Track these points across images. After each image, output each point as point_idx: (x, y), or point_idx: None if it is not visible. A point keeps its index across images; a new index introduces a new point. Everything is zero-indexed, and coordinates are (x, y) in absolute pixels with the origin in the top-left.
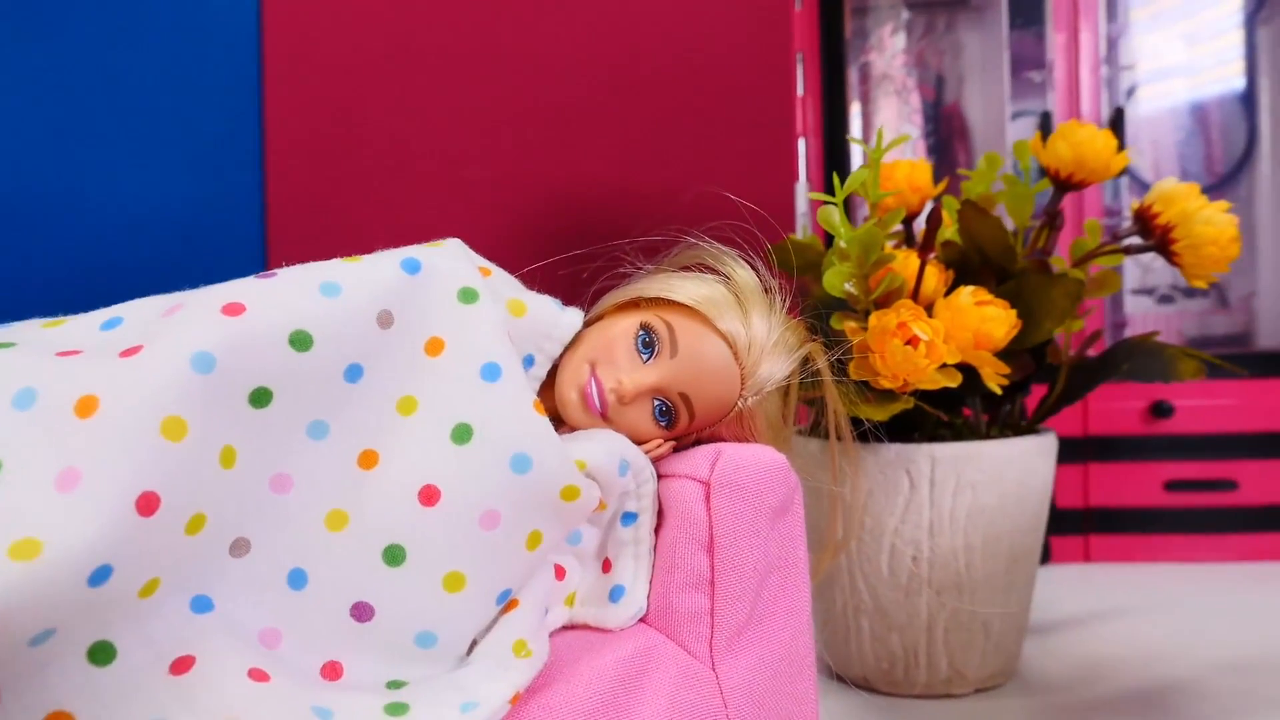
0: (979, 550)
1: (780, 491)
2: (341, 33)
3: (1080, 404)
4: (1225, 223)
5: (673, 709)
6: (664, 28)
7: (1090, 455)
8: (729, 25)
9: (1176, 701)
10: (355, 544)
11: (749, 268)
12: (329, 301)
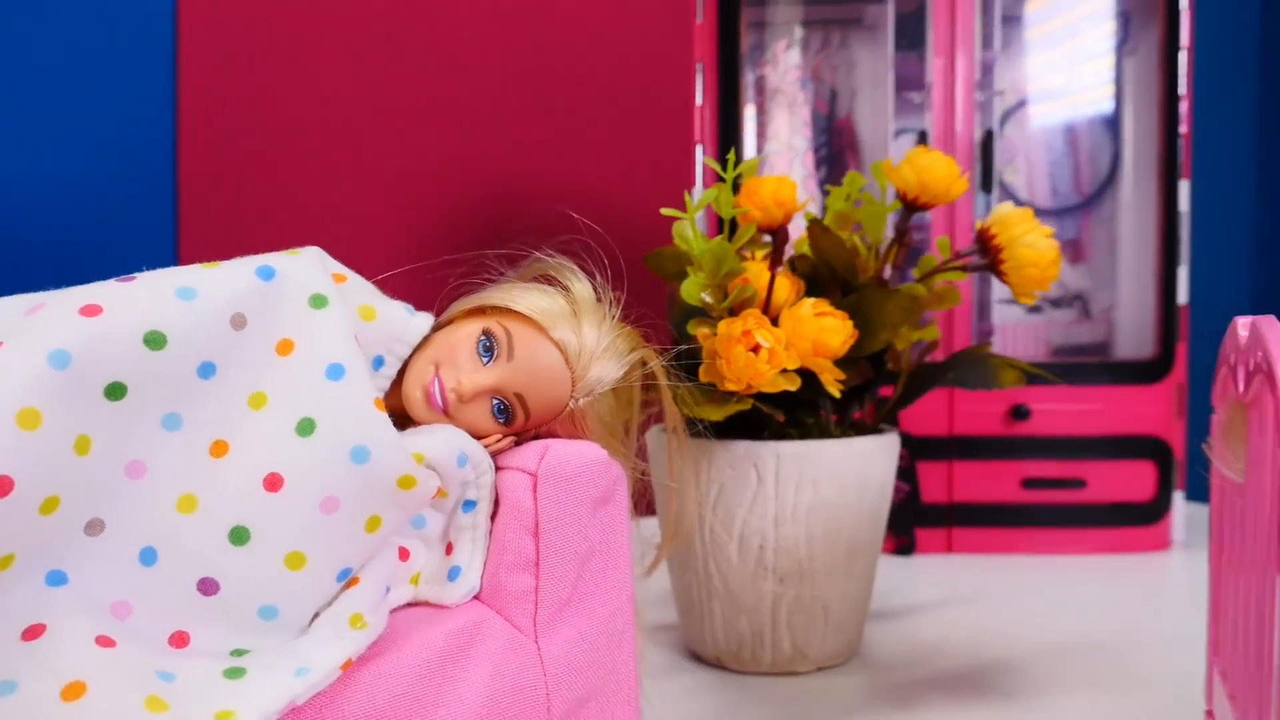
0: (820, 540)
1: (602, 483)
2: (256, 19)
3: (946, 407)
4: (1046, 247)
5: (494, 677)
6: (573, 35)
7: (955, 454)
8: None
9: (999, 679)
10: (203, 525)
11: (586, 281)
12: (184, 304)
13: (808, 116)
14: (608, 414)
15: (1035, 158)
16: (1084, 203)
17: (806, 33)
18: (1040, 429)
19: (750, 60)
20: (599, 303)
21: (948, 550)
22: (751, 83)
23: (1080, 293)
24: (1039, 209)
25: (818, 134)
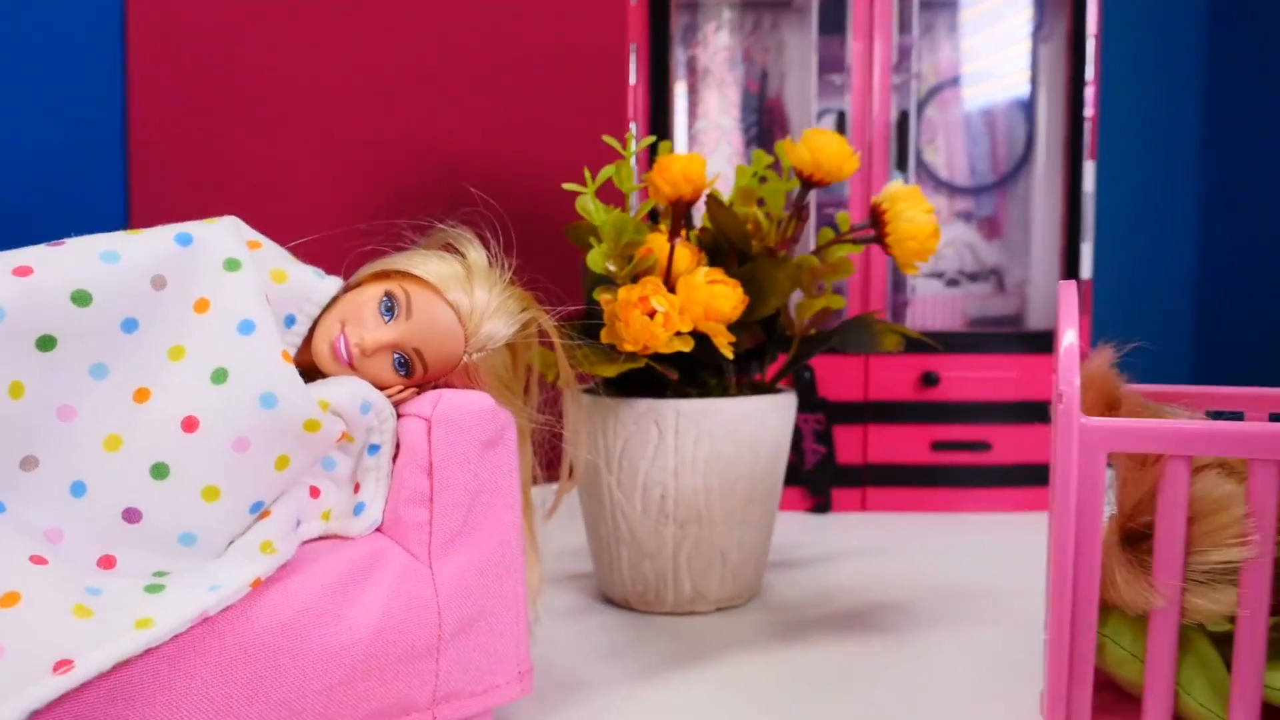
0: (716, 490)
1: (489, 428)
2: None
3: (862, 374)
4: (925, 221)
5: (391, 596)
6: (514, 17)
7: (869, 418)
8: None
9: (883, 617)
10: (128, 462)
11: (481, 249)
12: (108, 266)
13: (736, 96)
14: (502, 368)
15: (954, 138)
16: (1000, 181)
17: (738, 15)
18: (949, 395)
19: (683, 41)
20: (491, 268)
21: (862, 509)
22: (683, 63)
23: (995, 267)
24: (958, 187)
25: (748, 113)
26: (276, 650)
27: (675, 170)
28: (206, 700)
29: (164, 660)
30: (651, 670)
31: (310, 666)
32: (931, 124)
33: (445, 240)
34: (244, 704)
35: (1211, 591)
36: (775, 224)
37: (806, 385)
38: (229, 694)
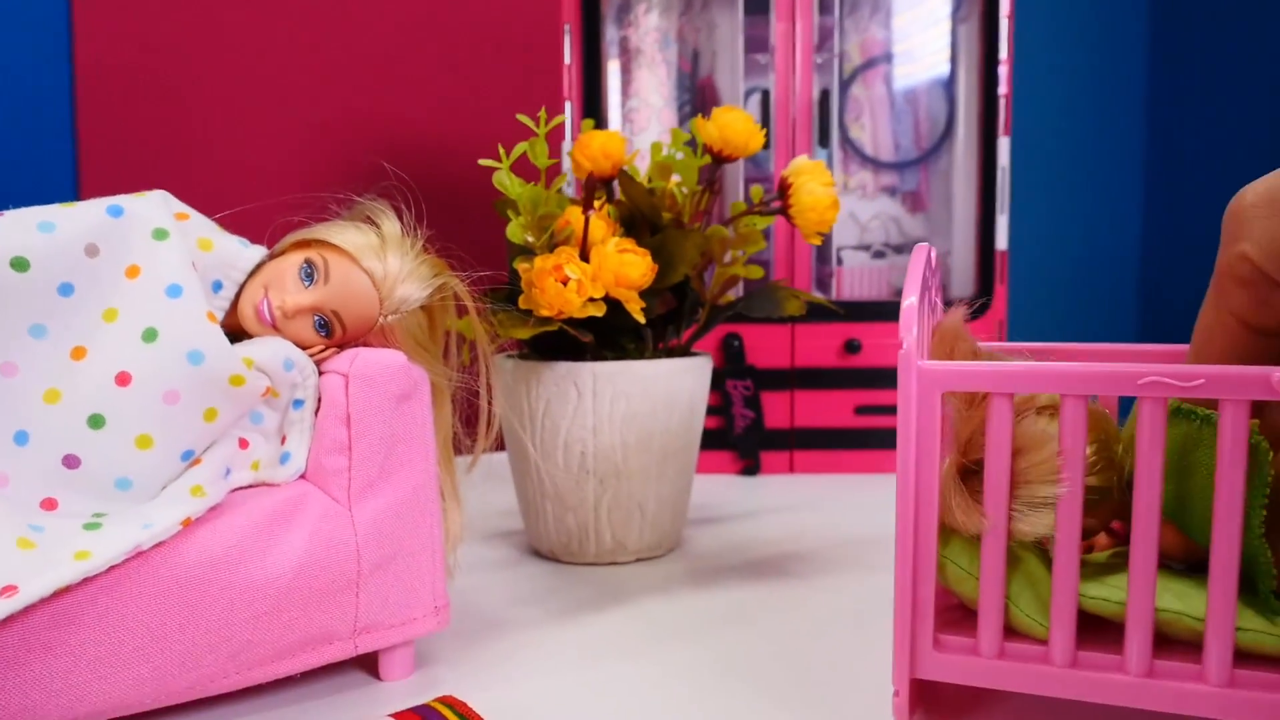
0: (633, 447)
1: (402, 383)
2: None
3: (788, 342)
4: (823, 194)
5: (313, 535)
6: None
7: (796, 384)
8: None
9: (793, 565)
10: (66, 413)
11: (396, 221)
12: (44, 236)
13: (667, 75)
14: (417, 330)
15: (879, 116)
16: (923, 157)
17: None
18: (872, 361)
19: (616, 21)
20: (405, 238)
21: (790, 471)
22: (616, 43)
23: (919, 239)
24: (883, 163)
25: (681, 91)
26: (206, 582)
27: (595, 147)
28: (141, 625)
29: (101, 589)
30: (569, 611)
31: (238, 597)
32: (857, 102)
33: (364, 213)
34: (176, 630)
35: (1033, 517)
36: (689, 197)
37: (735, 353)
38: (162, 620)
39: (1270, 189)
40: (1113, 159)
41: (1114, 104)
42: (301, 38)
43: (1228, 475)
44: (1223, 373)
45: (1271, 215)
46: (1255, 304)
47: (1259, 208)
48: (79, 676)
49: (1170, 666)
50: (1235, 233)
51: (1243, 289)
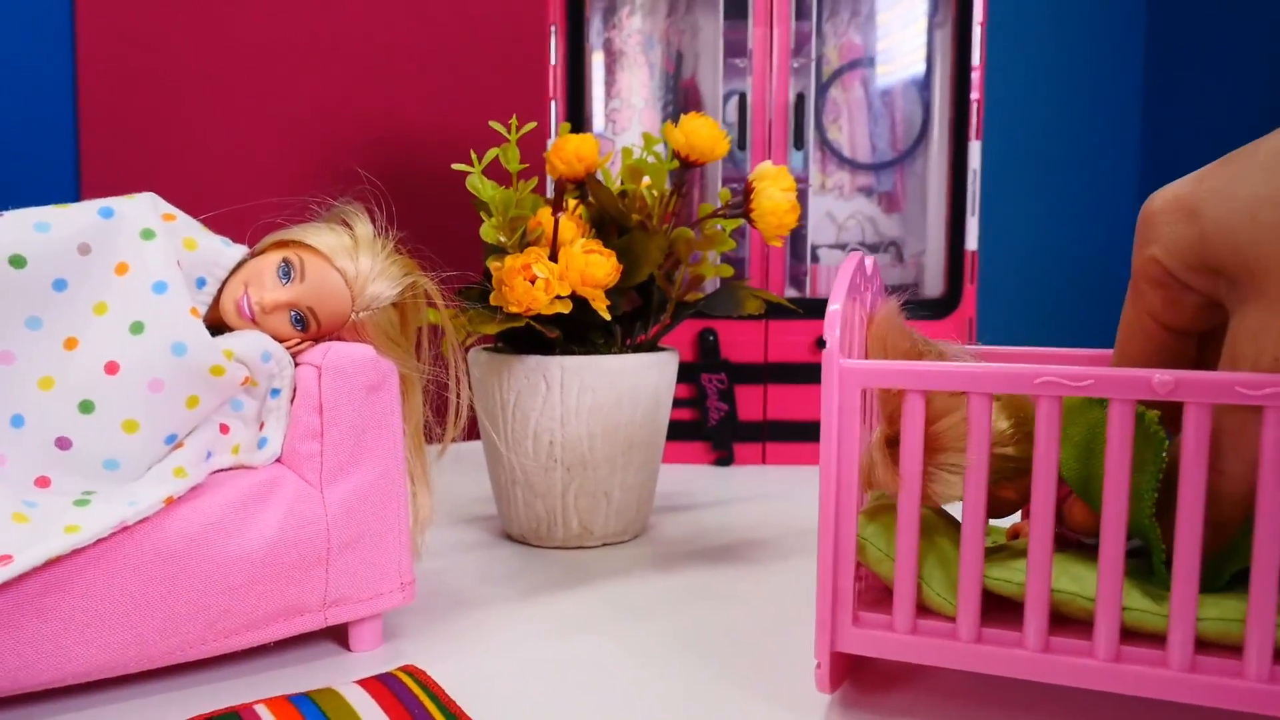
0: (599, 437)
1: (371, 375)
2: None
3: (761, 338)
4: (781, 199)
5: (286, 514)
6: (441, 3)
7: (769, 378)
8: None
9: (752, 550)
10: (59, 399)
11: (369, 224)
12: (40, 235)
13: (648, 77)
14: (388, 325)
15: (857, 118)
16: (899, 159)
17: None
18: None
19: (602, 23)
20: (376, 239)
21: (762, 462)
22: (600, 45)
23: (895, 239)
24: (860, 164)
25: (665, 92)
26: (185, 556)
27: (569, 150)
28: (125, 594)
29: (89, 560)
30: (534, 590)
31: (215, 570)
32: (835, 104)
33: (340, 216)
34: (158, 598)
35: (947, 479)
36: (659, 200)
37: (710, 348)
38: (145, 589)
39: (1178, 195)
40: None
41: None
42: (299, 35)
43: (1115, 469)
44: (1109, 374)
45: (1178, 221)
46: (1167, 304)
47: (1167, 213)
48: (68, 639)
49: (1065, 643)
50: (1146, 236)
51: (1155, 290)
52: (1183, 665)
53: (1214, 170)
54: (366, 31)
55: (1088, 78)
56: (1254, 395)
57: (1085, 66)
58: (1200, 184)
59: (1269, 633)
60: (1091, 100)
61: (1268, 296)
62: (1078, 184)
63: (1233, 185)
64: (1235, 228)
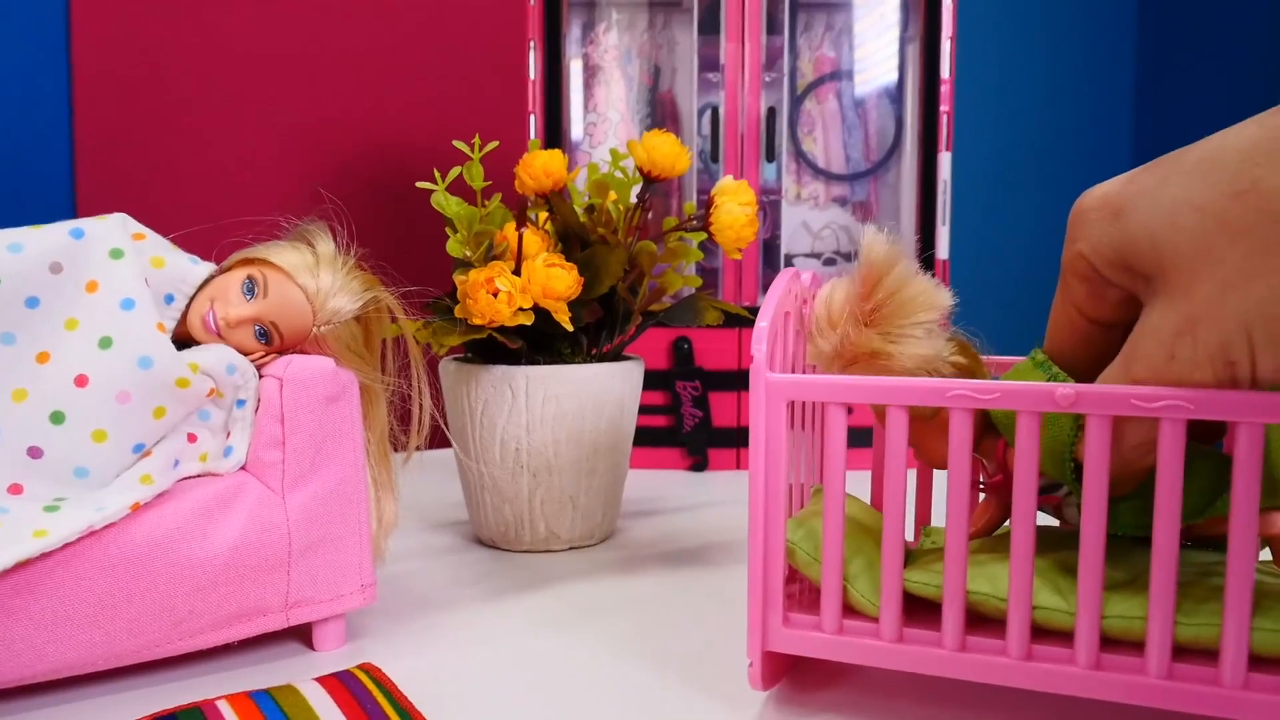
0: (564, 443)
1: (331, 386)
2: None
3: (735, 346)
4: (739, 213)
5: (249, 519)
6: (432, 19)
7: (743, 385)
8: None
9: (716, 554)
10: (31, 410)
11: (330, 241)
12: (13, 255)
13: (624, 91)
14: (350, 339)
15: (831, 130)
16: (872, 169)
17: (630, 15)
18: None
19: (580, 38)
20: (338, 256)
21: (737, 468)
22: (579, 59)
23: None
24: (834, 175)
25: (642, 105)
26: (151, 559)
27: (537, 166)
28: (93, 595)
29: (58, 563)
30: (497, 593)
31: (180, 572)
32: (810, 117)
33: (304, 234)
34: (124, 600)
35: (914, 342)
36: (624, 214)
37: (685, 355)
38: (112, 591)
39: (1106, 195)
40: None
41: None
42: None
43: (1024, 479)
44: (1014, 388)
45: (1103, 220)
46: (1090, 298)
47: (1095, 211)
48: (38, 639)
49: (982, 642)
50: (1074, 233)
51: (1080, 284)
52: (1089, 662)
53: (1143, 172)
54: (351, 46)
55: (1058, 89)
56: (1149, 408)
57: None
58: (1129, 184)
59: (1168, 631)
60: (1061, 112)
61: (1174, 296)
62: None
63: (1159, 188)
64: (1156, 229)
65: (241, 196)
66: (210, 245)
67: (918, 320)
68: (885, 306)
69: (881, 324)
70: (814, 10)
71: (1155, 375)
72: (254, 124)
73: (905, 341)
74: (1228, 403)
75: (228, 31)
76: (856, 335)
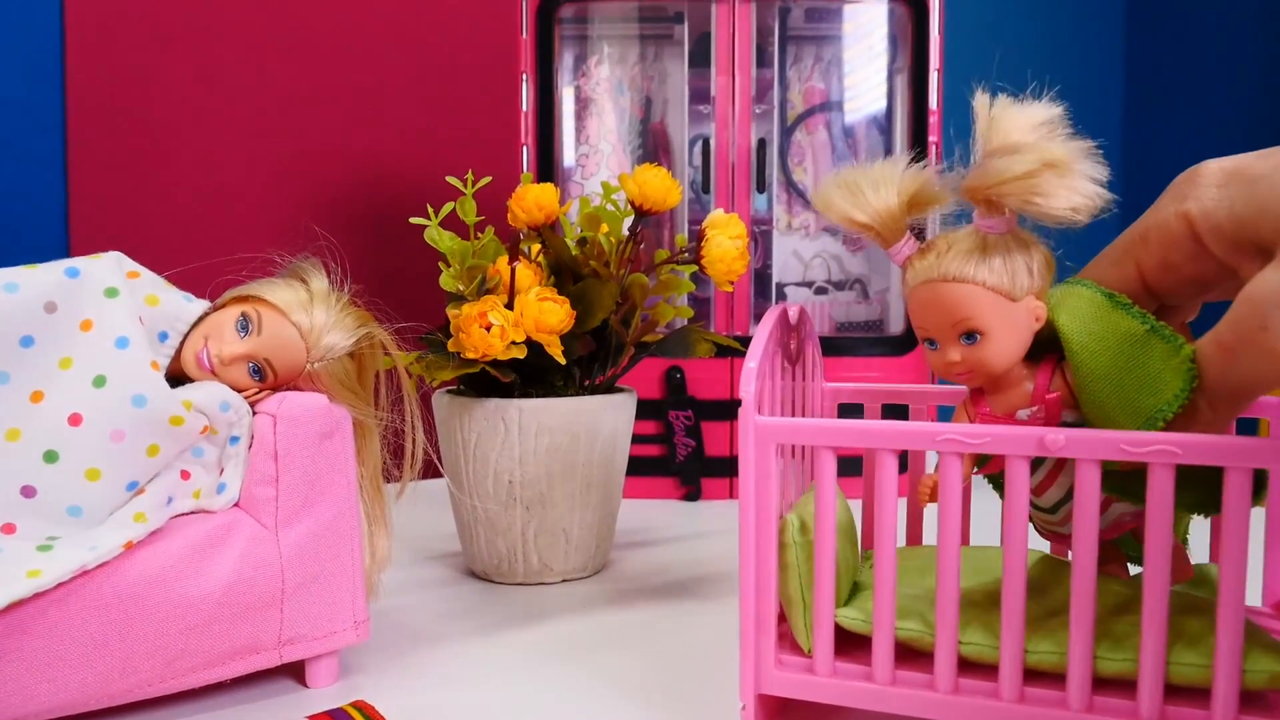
0: (558, 476)
1: (324, 422)
2: (143, 3)
3: (728, 375)
4: (729, 246)
5: (242, 556)
6: (414, 50)
7: (734, 415)
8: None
9: (706, 586)
10: (25, 449)
11: (324, 278)
12: (9, 295)
13: (617, 121)
14: (343, 374)
15: (821, 160)
16: None
17: (621, 48)
18: None
19: (574, 71)
20: (331, 293)
21: (730, 497)
22: (571, 91)
23: (860, 277)
24: None
25: (633, 137)
26: (144, 598)
27: (529, 200)
28: (86, 635)
29: (51, 603)
30: (490, 627)
31: (173, 611)
32: (800, 147)
33: (297, 271)
34: (116, 639)
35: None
36: (615, 246)
37: (677, 385)
38: (104, 630)
39: (1237, 164)
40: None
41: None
42: (284, 76)
43: (1013, 525)
44: (1003, 432)
45: (1229, 184)
46: (1164, 266)
47: (1216, 175)
48: (30, 679)
49: (974, 684)
50: (1183, 192)
51: (1162, 246)
52: (1081, 705)
53: (1276, 150)
54: (345, 80)
55: None
56: (1138, 452)
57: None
58: (1263, 159)
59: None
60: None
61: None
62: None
63: None
64: None
65: (234, 228)
66: (204, 282)
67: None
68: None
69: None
70: (803, 43)
71: (1242, 341)
72: (247, 156)
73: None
74: (1216, 448)
75: (222, 64)
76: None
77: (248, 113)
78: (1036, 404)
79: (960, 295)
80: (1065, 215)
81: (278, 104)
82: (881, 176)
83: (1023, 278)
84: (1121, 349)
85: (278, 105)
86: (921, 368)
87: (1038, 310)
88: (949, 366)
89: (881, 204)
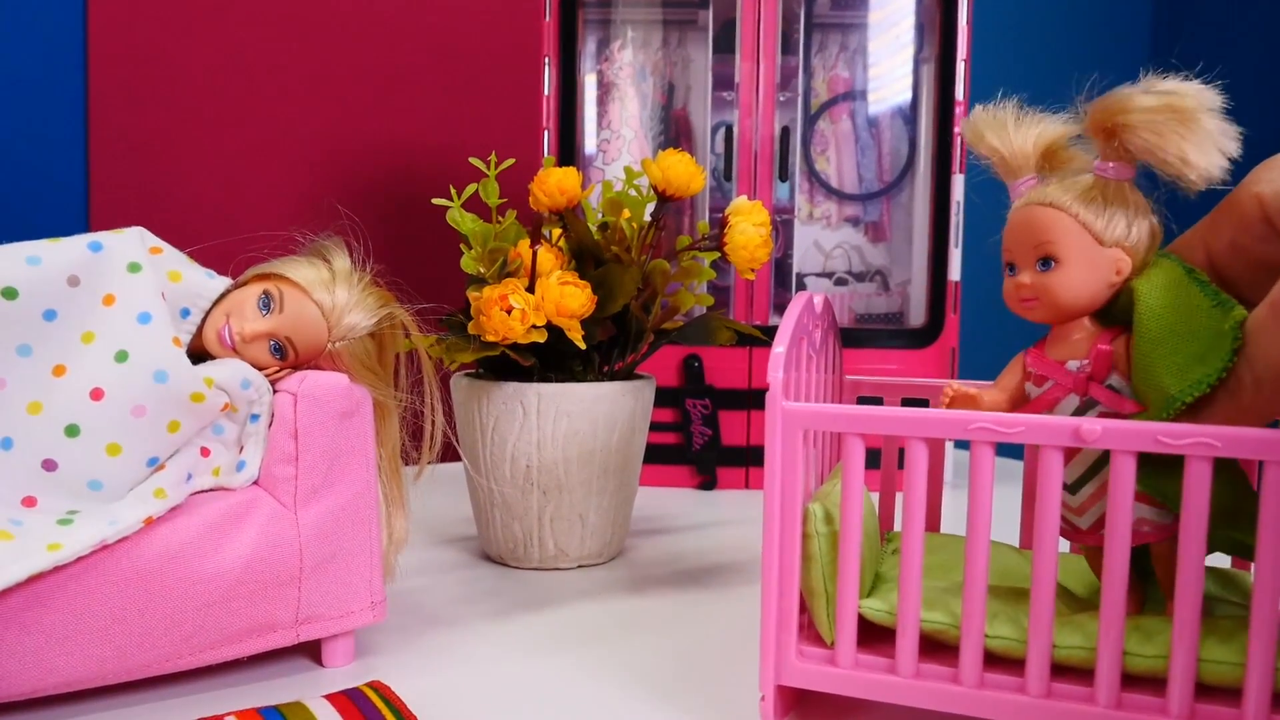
0: (575, 461)
1: (345, 402)
2: None
3: (745, 365)
4: (753, 233)
5: (261, 534)
6: (440, 34)
7: (752, 404)
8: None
9: (720, 574)
10: (46, 423)
11: (346, 257)
12: (31, 268)
13: (640, 107)
14: (364, 355)
15: (844, 150)
16: (885, 190)
17: (644, 33)
18: None
19: (596, 56)
20: (354, 272)
21: (745, 486)
22: (593, 76)
23: (881, 269)
24: (846, 194)
25: (655, 123)
26: (163, 573)
27: (551, 183)
28: (104, 609)
29: (70, 576)
30: (506, 611)
31: (191, 587)
32: (824, 136)
33: (320, 250)
34: (135, 614)
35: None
36: (637, 232)
37: (695, 373)
38: (124, 605)
39: None
40: None
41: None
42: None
43: (1044, 516)
44: (1036, 422)
45: None
46: (1234, 248)
47: None
48: (49, 652)
49: (999, 679)
50: (1257, 175)
51: (1232, 228)
52: (1109, 701)
53: None
54: (367, 61)
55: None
56: (1175, 445)
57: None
58: None
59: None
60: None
61: None
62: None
63: None
64: None
65: (255, 209)
66: (226, 260)
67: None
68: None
69: None
70: (829, 30)
71: None
72: (269, 138)
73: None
74: (1257, 441)
75: (244, 46)
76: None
77: (269, 94)
78: (1089, 357)
79: (1049, 219)
80: (1175, 164)
81: (299, 86)
82: (1029, 120)
83: (1119, 228)
84: (1185, 317)
85: (299, 87)
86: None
87: (1121, 263)
88: (1018, 288)
89: (1020, 141)
